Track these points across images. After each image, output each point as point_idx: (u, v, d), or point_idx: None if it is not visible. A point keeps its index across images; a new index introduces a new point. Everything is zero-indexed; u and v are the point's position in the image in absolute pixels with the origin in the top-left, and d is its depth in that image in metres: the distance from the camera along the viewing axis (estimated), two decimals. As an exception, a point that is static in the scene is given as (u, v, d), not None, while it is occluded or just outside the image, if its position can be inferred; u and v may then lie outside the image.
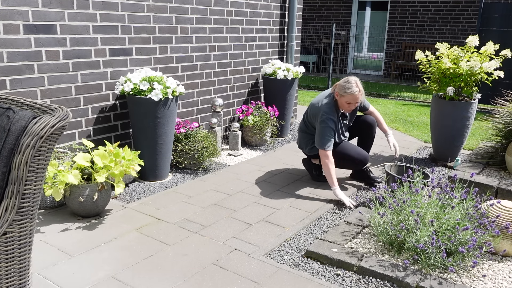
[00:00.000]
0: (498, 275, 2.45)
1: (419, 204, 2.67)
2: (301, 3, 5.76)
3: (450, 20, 10.85)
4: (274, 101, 5.13)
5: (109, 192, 3.08)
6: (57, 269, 2.39)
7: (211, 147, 4.03)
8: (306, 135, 3.77)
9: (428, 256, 2.40)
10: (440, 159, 4.48)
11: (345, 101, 3.45)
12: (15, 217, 1.54)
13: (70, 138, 3.48)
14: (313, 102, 3.64)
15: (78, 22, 3.37)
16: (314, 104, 3.60)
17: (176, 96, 3.60)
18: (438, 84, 4.33)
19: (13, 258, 1.58)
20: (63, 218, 3.01)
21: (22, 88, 3.12)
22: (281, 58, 5.70)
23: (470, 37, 4.15)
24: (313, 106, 3.61)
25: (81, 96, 3.50)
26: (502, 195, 3.31)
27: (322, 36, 12.70)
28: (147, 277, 2.35)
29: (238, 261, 2.55)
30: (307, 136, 3.76)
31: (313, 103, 3.63)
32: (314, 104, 3.61)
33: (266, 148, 4.90)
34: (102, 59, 3.59)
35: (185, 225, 2.98)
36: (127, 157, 3.10)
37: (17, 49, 3.05)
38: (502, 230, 2.59)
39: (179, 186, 3.68)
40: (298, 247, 2.77)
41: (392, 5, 11.61)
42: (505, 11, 7.26)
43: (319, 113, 3.50)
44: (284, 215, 3.19)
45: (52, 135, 1.55)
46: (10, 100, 1.76)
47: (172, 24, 4.11)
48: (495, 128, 3.94)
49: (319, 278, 2.43)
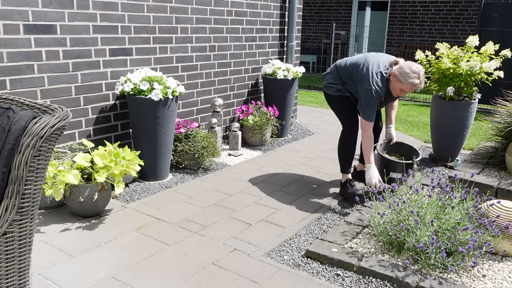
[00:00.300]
0: (498, 275, 2.45)
1: (419, 204, 2.67)
2: (301, 3, 5.76)
3: (450, 20, 10.85)
4: (274, 101, 5.13)
5: (109, 192, 3.08)
6: (57, 269, 2.39)
7: (211, 147, 4.03)
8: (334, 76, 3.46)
9: (428, 256, 2.40)
10: (440, 159, 4.48)
11: (399, 87, 3.14)
12: (15, 217, 1.54)
13: (70, 138, 3.48)
14: (363, 62, 3.23)
15: (78, 22, 3.37)
16: (365, 65, 3.20)
17: (176, 96, 3.60)
18: (438, 84, 4.33)
19: (13, 258, 1.58)
20: (63, 218, 3.01)
21: (22, 88, 3.12)
22: (281, 58, 5.70)
23: (470, 37, 4.15)
24: (362, 66, 3.21)
25: (81, 96, 3.50)
26: (502, 195, 3.31)
27: (322, 36, 12.70)
28: (147, 277, 2.35)
29: (238, 261, 2.55)
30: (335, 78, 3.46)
31: (363, 63, 3.22)
32: (364, 65, 3.21)
33: (266, 148, 4.90)
34: (102, 59, 3.59)
35: (185, 225, 2.98)
36: (127, 157, 3.10)
37: (17, 49, 3.05)
38: (502, 230, 2.59)
39: (179, 186, 3.68)
40: (298, 247, 2.77)
41: (392, 5, 11.61)
42: (505, 11, 7.26)
43: (369, 80, 3.14)
44: (284, 215, 3.19)
45: (52, 135, 1.55)
46: (10, 100, 1.76)
47: (172, 24, 4.11)
48: (495, 128, 3.94)
49: (319, 278, 2.43)
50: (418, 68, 3.09)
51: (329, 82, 3.47)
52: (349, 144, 3.53)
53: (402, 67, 3.10)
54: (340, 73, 3.41)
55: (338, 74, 3.43)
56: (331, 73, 3.48)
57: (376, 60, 3.22)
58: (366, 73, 3.16)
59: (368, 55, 3.32)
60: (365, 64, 3.21)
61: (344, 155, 3.56)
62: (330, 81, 3.46)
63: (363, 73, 3.18)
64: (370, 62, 3.20)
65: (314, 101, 8.10)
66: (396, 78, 3.12)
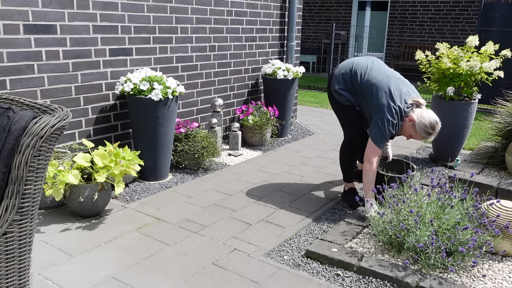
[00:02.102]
0: (498, 275, 2.45)
1: (418, 204, 2.67)
2: (301, 3, 5.76)
3: (450, 20, 10.85)
4: (274, 101, 5.13)
5: (109, 192, 3.08)
6: (57, 269, 2.39)
7: (211, 147, 4.03)
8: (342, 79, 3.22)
9: (428, 256, 2.40)
10: (440, 159, 4.48)
11: (411, 133, 2.99)
12: (15, 217, 1.54)
13: (70, 138, 3.48)
14: (384, 89, 2.96)
15: (78, 22, 3.37)
16: (386, 93, 2.95)
17: (176, 96, 3.60)
18: (438, 84, 4.33)
19: (13, 258, 1.58)
20: (63, 218, 3.01)
21: (22, 88, 3.12)
22: (281, 58, 5.70)
23: (470, 37, 4.15)
24: (383, 93, 2.96)
25: (81, 96, 3.50)
26: (502, 195, 3.31)
27: (322, 36, 12.70)
28: (147, 277, 2.35)
29: (238, 261, 2.55)
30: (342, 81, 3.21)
31: (384, 91, 2.96)
32: (385, 93, 2.95)
33: (266, 148, 4.90)
34: (102, 59, 3.59)
35: (185, 225, 2.98)
36: (127, 157, 3.10)
37: (17, 49, 3.06)
38: (502, 230, 2.59)
39: (179, 186, 3.68)
40: (298, 247, 2.77)
41: (392, 5, 11.61)
42: (505, 11, 7.26)
43: (391, 112, 2.92)
44: (284, 215, 3.19)
45: (52, 135, 1.55)
46: (10, 100, 1.76)
47: (172, 24, 4.11)
48: (495, 128, 3.94)
49: (319, 278, 2.43)
50: (437, 123, 2.93)
51: (341, 88, 3.20)
52: (351, 155, 3.45)
53: (423, 118, 2.91)
54: (353, 84, 3.16)
55: (350, 83, 3.18)
56: (343, 81, 3.20)
57: (398, 92, 2.98)
58: (388, 105, 2.93)
59: (390, 78, 3.03)
60: (386, 92, 2.96)
61: (346, 164, 3.49)
62: (342, 88, 3.20)
63: (383, 103, 2.94)
64: (393, 93, 2.95)
65: (314, 101, 8.10)
66: (412, 124, 2.95)
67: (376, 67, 3.13)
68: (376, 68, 3.13)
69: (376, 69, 3.11)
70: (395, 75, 3.11)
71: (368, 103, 3.07)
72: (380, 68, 3.13)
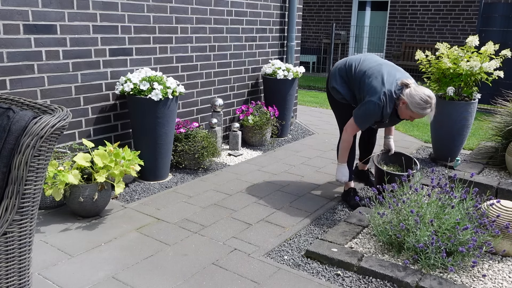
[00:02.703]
0: (498, 275, 2.45)
1: (418, 204, 2.67)
2: (301, 3, 5.76)
3: (450, 20, 10.85)
4: (274, 101, 5.13)
5: (109, 192, 3.08)
6: (57, 269, 2.39)
7: (211, 147, 4.03)
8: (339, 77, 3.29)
9: (428, 256, 2.40)
10: (440, 159, 4.48)
11: (409, 114, 2.98)
12: (15, 217, 1.54)
13: (70, 138, 3.48)
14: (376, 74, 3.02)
15: (78, 22, 3.37)
16: (377, 78, 3.00)
17: (176, 96, 3.60)
18: (438, 84, 4.33)
19: (13, 258, 1.58)
20: (63, 218, 3.01)
21: (22, 88, 3.12)
22: (281, 58, 5.70)
23: (470, 37, 4.15)
24: (375, 78, 3.01)
25: (81, 96, 3.50)
26: (502, 195, 3.31)
27: (322, 36, 12.70)
28: (147, 277, 2.35)
29: (238, 261, 2.55)
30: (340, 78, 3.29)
31: (376, 76, 3.02)
32: (376, 78, 3.00)
33: (266, 148, 4.90)
34: (102, 59, 3.59)
35: (185, 225, 2.98)
36: (127, 157, 3.10)
37: (17, 49, 3.06)
38: (502, 230, 2.59)
39: (179, 186, 3.68)
40: (298, 247, 2.77)
41: (392, 5, 11.61)
42: (505, 11, 7.26)
43: (379, 95, 2.95)
44: (284, 215, 3.19)
45: (52, 135, 1.55)
46: (10, 100, 1.76)
47: (172, 24, 4.11)
48: (495, 128, 3.94)
49: (319, 278, 2.43)
50: (430, 96, 2.88)
51: (337, 84, 3.27)
52: (349, 153, 3.43)
53: (413, 97, 2.88)
54: (347, 76, 3.23)
55: (346, 76, 3.24)
56: (340, 76, 3.28)
57: (392, 77, 3.02)
58: (378, 87, 2.97)
59: (382, 65, 3.10)
60: (377, 77, 3.01)
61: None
62: (338, 83, 3.27)
63: (374, 86, 2.98)
64: (384, 77, 3.00)
65: (314, 101, 8.10)
66: (406, 106, 2.94)
67: (369, 58, 3.25)
68: (369, 58, 3.25)
69: (369, 59, 3.23)
70: (388, 63, 3.18)
71: (360, 91, 3.12)
72: (373, 58, 3.24)
